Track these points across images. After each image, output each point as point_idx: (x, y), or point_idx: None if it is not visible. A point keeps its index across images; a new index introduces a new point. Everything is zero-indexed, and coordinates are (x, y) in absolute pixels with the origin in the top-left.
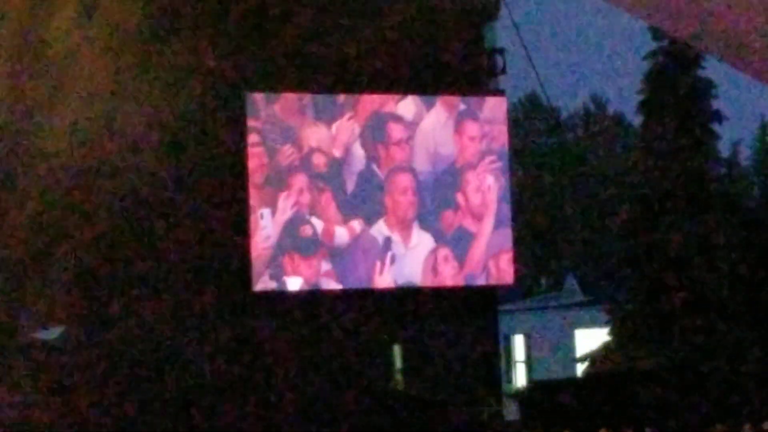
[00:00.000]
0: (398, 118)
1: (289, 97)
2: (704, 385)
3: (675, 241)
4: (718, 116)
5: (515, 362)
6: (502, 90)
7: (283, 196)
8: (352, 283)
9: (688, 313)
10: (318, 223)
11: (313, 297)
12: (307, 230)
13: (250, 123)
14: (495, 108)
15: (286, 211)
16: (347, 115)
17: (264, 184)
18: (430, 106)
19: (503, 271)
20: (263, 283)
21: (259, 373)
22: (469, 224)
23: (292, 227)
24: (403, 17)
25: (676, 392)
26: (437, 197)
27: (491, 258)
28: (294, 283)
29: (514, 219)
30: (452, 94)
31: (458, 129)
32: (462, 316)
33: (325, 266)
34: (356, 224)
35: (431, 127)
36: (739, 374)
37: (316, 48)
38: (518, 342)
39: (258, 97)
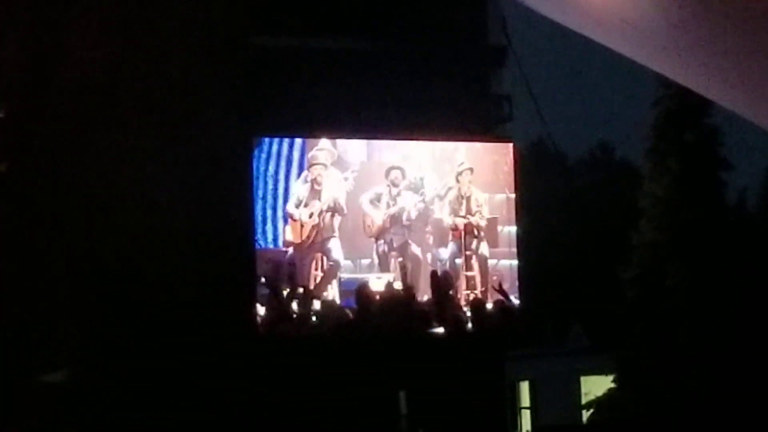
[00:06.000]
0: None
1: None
2: None
3: (682, 290)
4: (725, 164)
5: (520, 408)
6: (509, 137)
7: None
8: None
9: (695, 362)
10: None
11: (315, 340)
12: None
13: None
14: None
15: None
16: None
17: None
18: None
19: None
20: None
21: (264, 417)
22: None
23: None
24: (408, 62)
25: None
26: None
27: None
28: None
29: (520, 264)
30: (457, 140)
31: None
32: (467, 362)
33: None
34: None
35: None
36: (748, 425)
37: (319, 93)
38: (524, 388)
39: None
